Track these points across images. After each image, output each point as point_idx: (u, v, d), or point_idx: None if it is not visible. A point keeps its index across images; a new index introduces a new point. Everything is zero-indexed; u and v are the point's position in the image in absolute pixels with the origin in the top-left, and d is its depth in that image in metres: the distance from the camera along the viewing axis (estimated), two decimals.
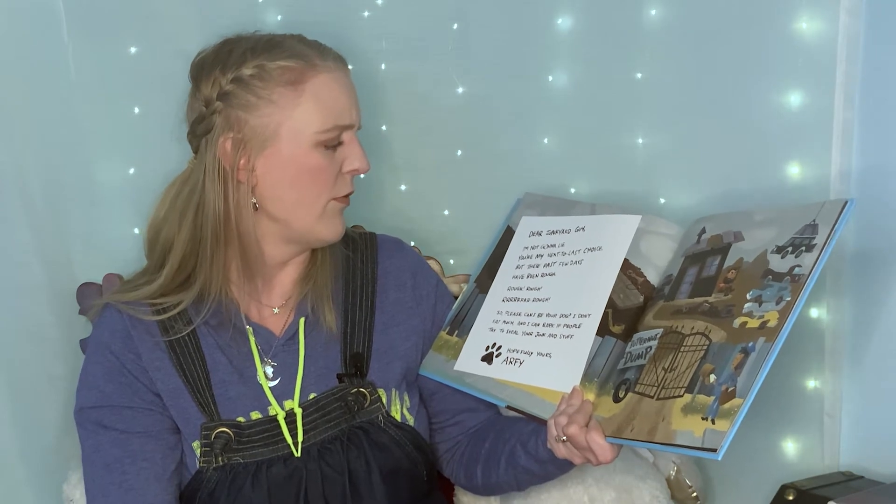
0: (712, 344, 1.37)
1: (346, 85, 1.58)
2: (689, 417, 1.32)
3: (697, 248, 1.51)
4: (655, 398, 1.38)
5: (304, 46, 1.57)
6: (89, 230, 1.94)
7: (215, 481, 1.56)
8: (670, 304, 1.48)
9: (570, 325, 1.55)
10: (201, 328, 1.60)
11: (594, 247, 1.60)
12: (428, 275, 1.73)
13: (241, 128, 1.54)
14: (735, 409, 1.28)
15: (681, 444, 1.32)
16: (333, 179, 1.57)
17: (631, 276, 1.55)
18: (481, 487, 1.69)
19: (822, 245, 1.34)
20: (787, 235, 1.39)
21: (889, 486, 1.56)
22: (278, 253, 1.62)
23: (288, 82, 1.53)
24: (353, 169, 1.59)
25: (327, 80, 1.56)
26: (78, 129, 1.92)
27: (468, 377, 1.62)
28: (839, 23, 1.56)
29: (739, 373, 1.31)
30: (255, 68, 1.54)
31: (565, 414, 1.45)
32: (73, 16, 1.89)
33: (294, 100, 1.53)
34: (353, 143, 1.59)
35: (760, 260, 1.40)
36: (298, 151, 1.54)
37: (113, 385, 1.58)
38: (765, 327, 1.33)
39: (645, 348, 1.46)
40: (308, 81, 1.54)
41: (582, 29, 1.84)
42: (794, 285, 1.34)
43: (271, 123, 1.53)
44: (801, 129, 1.63)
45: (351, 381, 1.61)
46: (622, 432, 1.39)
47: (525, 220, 1.73)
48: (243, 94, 1.54)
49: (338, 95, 1.56)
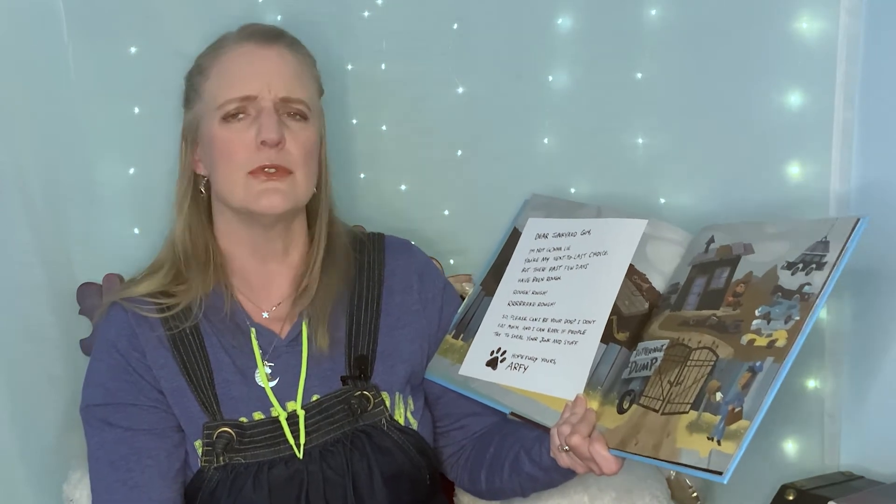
0: (719, 360, 1.36)
1: (254, 59, 1.60)
2: (695, 436, 1.32)
3: (706, 257, 1.50)
4: (661, 412, 1.38)
5: (233, 33, 1.63)
6: (89, 230, 1.94)
7: (216, 481, 1.56)
8: (677, 315, 1.47)
9: (575, 331, 1.54)
10: (205, 328, 1.61)
11: (600, 251, 1.59)
12: (435, 277, 1.73)
13: (187, 126, 1.63)
14: (742, 431, 1.27)
15: (686, 463, 1.31)
16: (244, 152, 1.57)
17: (636, 282, 1.54)
18: (485, 492, 1.69)
19: (833, 264, 1.33)
20: (798, 251, 1.38)
21: (889, 486, 1.56)
22: (242, 238, 1.63)
23: (201, 70, 1.61)
24: (262, 140, 1.57)
25: (232, 57, 1.60)
26: (78, 129, 1.92)
27: (473, 382, 1.62)
28: (839, 23, 1.56)
29: (747, 392, 1.29)
30: (195, 66, 1.63)
31: (568, 423, 1.45)
32: (73, 16, 1.89)
33: (203, 83, 1.60)
34: (264, 115, 1.57)
35: (770, 275, 1.39)
36: (211, 129, 1.59)
37: (118, 383, 1.58)
38: (773, 346, 1.31)
39: (650, 359, 1.45)
40: (214, 65, 1.61)
41: (582, 29, 1.84)
42: (804, 304, 1.32)
43: (197, 112, 1.61)
44: (801, 129, 1.63)
45: (355, 384, 1.61)
46: (626, 445, 1.39)
47: (531, 222, 1.73)
48: (187, 91, 1.64)
49: (241, 69, 1.60)
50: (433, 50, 1.92)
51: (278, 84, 1.58)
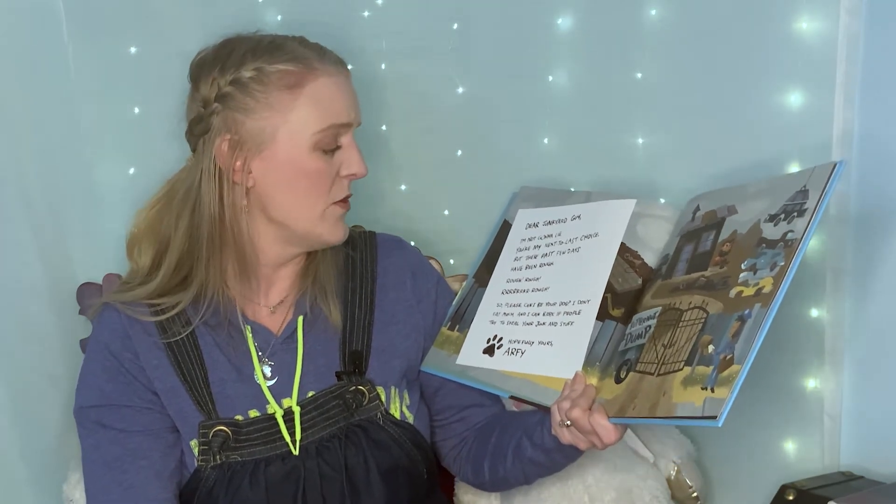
0: (710, 316, 1.37)
1: (344, 88, 1.58)
2: (689, 389, 1.32)
3: (692, 225, 1.52)
4: (656, 375, 1.39)
5: (304, 49, 1.57)
6: (89, 230, 1.94)
7: (213, 480, 1.56)
8: (668, 283, 1.48)
9: (570, 312, 1.55)
10: (200, 327, 1.60)
11: (591, 233, 1.61)
12: (428, 272, 1.73)
13: (237, 130, 1.54)
14: (733, 375, 1.28)
15: (682, 415, 1.32)
16: (330, 183, 1.57)
17: (629, 259, 1.55)
18: (489, 483, 1.69)
19: (814, 209, 1.34)
20: (779, 204, 1.40)
21: (889, 486, 1.56)
22: (278, 254, 1.62)
23: (286, 86, 1.53)
24: (351, 173, 1.59)
25: (326, 84, 1.56)
26: (78, 129, 1.92)
27: (471, 370, 1.62)
28: (839, 23, 1.56)
29: (737, 340, 1.31)
30: (254, 71, 1.54)
31: (568, 398, 1.46)
32: (73, 16, 1.89)
33: (291, 103, 1.53)
34: (352, 148, 1.58)
35: (754, 230, 1.41)
36: (296, 154, 1.54)
37: (112, 384, 1.58)
38: (760, 294, 1.33)
39: (644, 328, 1.46)
40: (306, 85, 1.54)
41: (582, 29, 1.84)
42: (788, 250, 1.34)
43: (268, 126, 1.53)
44: (801, 129, 1.63)
45: (350, 379, 1.61)
46: (625, 412, 1.40)
47: (521, 213, 1.73)
48: (241, 96, 1.53)
49: (336, 97, 1.56)
50: (433, 50, 1.92)
51: (356, 113, 1.60)
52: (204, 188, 1.56)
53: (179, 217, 1.59)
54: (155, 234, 1.62)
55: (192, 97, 1.59)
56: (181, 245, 1.59)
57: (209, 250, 1.57)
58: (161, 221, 1.62)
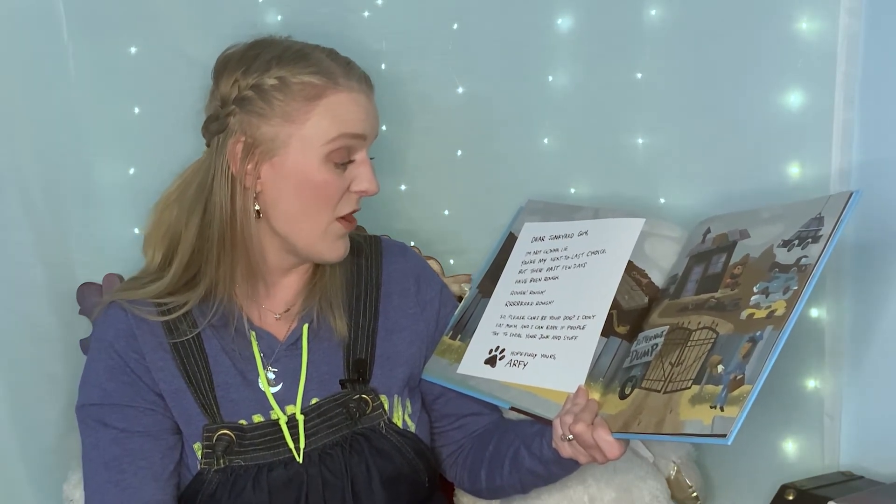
0: (720, 336, 1.37)
1: (363, 103, 1.56)
2: (698, 407, 1.32)
3: (702, 247, 1.52)
4: (662, 392, 1.38)
5: (331, 62, 1.56)
6: (89, 230, 1.94)
7: (216, 483, 1.55)
8: (676, 303, 1.48)
9: (574, 327, 1.55)
10: (206, 330, 1.60)
11: (598, 250, 1.60)
12: (432, 280, 1.73)
13: (252, 132, 1.53)
14: (744, 395, 1.28)
15: (689, 432, 1.32)
16: (338, 197, 1.56)
17: (635, 277, 1.55)
18: (485, 491, 1.69)
19: (829, 235, 1.35)
20: (794, 230, 1.40)
21: (889, 486, 1.56)
22: (281, 262, 1.61)
23: (305, 97, 1.52)
24: (362, 190, 1.57)
25: (345, 99, 1.54)
26: (78, 129, 1.92)
27: (471, 380, 1.62)
28: (839, 23, 1.56)
29: (748, 361, 1.31)
30: (277, 79, 1.52)
31: (571, 412, 1.45)
32: (73, 16, 1.89)
33: (307, 113, 1.52)
34: (365, 164, 1.57)
35: (767, 254, 1.41)
36: (305, 163, 1.53)
37: (115, 383, 1.58)
38: (772, 316, 1.33)
39: (651, 346, 1.46)
40: (325, 97, 1.53)
41: (582, 29, 1.84)
42: (801, 275, 1.34)
43: (282, 133, 1.52)
44: (801, 129, 1.63)
45: (353, 388, 1.61)
46: (629, 427, 1.39)
47: (528, 226, 1.73)
48: (260, 102, 1.53)
49: (352, 110, 1.55)
50: (433, 50, 1.92)
51: (371, 128, 1.58)
52: (216, 188, 1.55)
53: (191, 213, 1.58)
54: (167, 230, 1.61)
55: (212, 92, 1.58)
56: (191, 242, 1.58)
57: (219, 251, 1.57)
58: (172, 216, 1.61)
